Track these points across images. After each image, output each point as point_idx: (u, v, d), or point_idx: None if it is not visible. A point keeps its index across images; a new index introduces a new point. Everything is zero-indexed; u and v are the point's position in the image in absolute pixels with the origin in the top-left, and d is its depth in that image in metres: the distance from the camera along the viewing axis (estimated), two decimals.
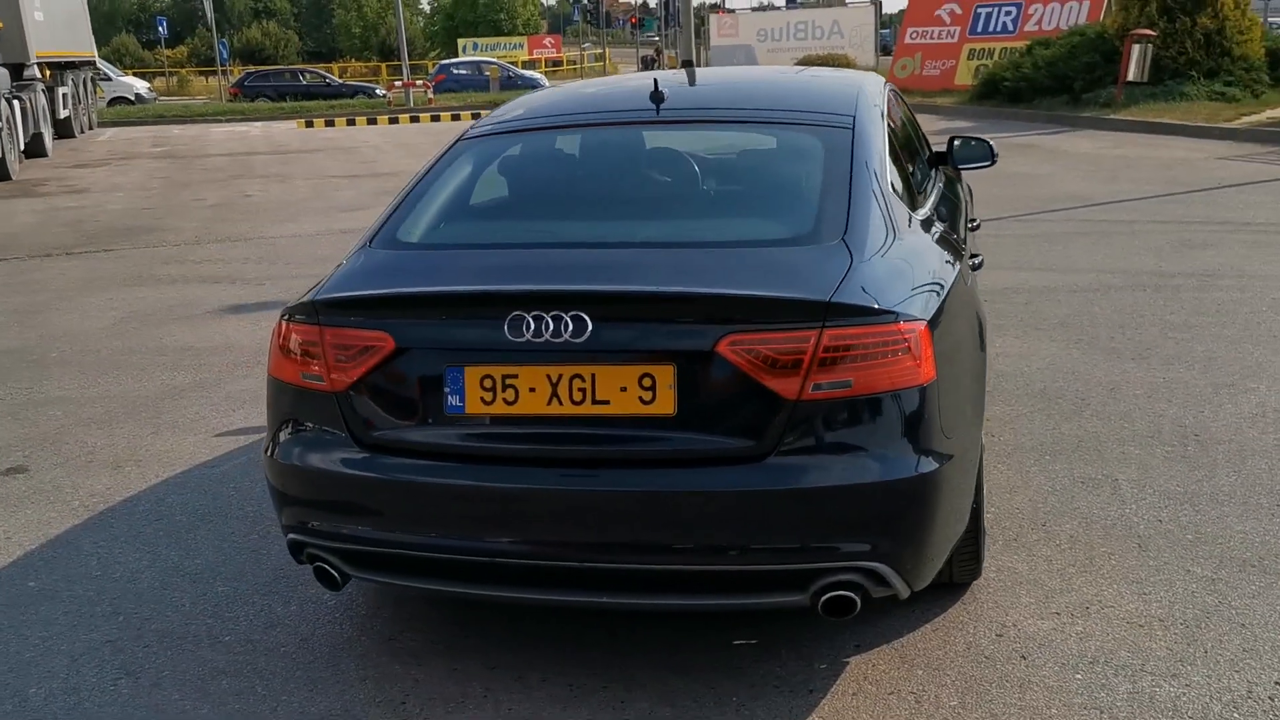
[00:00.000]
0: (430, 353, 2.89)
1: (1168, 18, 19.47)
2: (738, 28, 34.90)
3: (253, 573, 3.90)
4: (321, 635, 3.47)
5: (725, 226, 3.25)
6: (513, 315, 2.77)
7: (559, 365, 2.78)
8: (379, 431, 2.94)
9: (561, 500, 2.80)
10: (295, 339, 3.04)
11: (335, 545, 3.02)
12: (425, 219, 3.38)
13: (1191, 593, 3.46)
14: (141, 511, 4.49)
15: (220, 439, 5.30)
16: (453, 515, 2.90)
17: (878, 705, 2.97)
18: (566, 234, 3.28)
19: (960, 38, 26.03)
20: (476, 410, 2.85)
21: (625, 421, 2.77)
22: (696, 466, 2.75)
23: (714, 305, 2.75)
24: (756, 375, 2.69)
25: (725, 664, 3.19)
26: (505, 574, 2.91)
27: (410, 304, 2.94)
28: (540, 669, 3.20)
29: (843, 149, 3.37)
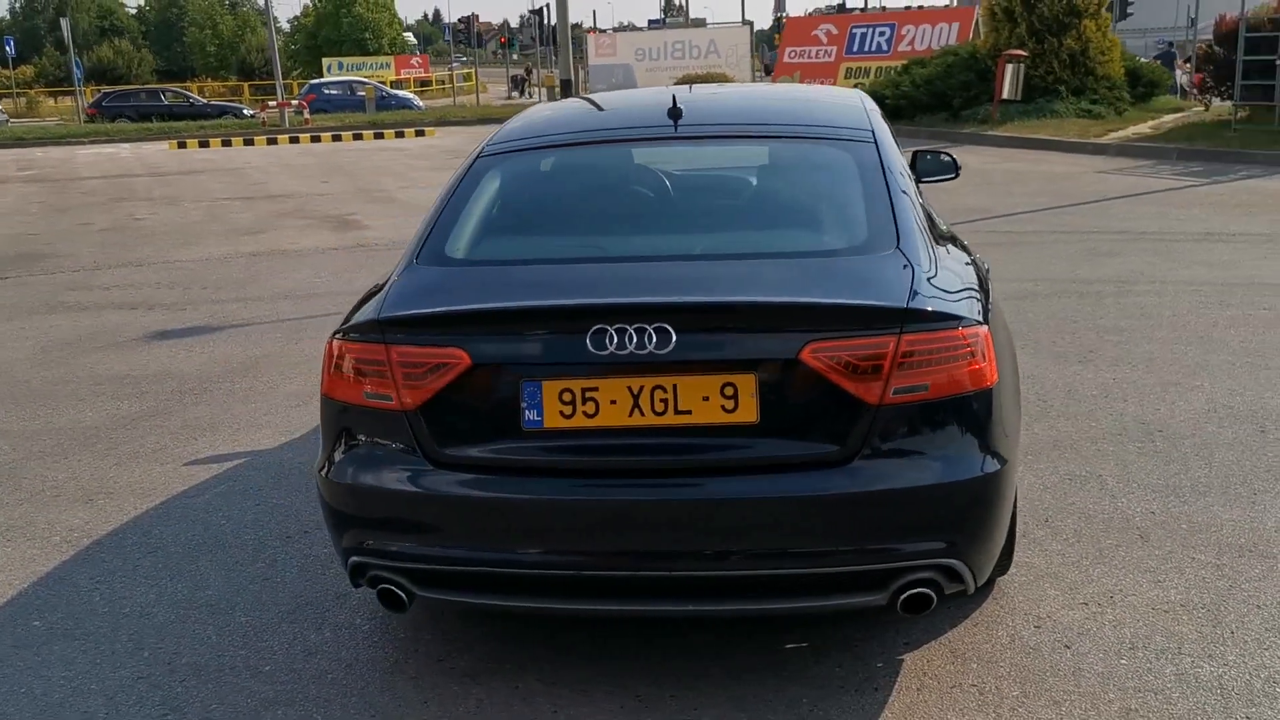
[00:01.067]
0: (506, 368, 2.88)
1: (1036, 39, 20.42)
2: (615, 47, 35.16)
3: (272, 601, 3.80)
4: (366, 660, 3.41)
5: (780, 238, 3.31)
6: (595, 328, 2.78)
7: (640, 377, 2.81)
8: (453, 449, 2.92)
9: (646, 511, 2.82)
10: (355, 358, 3.00)
11: (404, 565, 2.98)
12: (469, 234, 3.37)
13: (1203, 579, 3.66)
14: (131, 544, 4.33)
15: (192, 468, 5.13)
16: (534, 530, 2.89)
17: (944, 700, 3.06)
18: (624, 248, 3.31)
19: (837, 57, 26.77)
20: (556, 424, 2.85)
21: (708, 430, 2.81)
22: (781, 472, 2.80)
23: (797, 314, 2.82)
24: (839, 381, 2.76)
25: (783, 667, 3.25)
26: (585, 587, 2.92)
27: (486, 320, 2.93)
28: (602, 682, 3.21)
29: (872, 162, 3.48)
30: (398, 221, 12.98)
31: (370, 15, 70.13)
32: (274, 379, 6.57)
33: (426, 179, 17.55)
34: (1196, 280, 8.02)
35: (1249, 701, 2.98)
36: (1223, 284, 7.86)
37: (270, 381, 6.53)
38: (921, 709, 3.02)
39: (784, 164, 3.71)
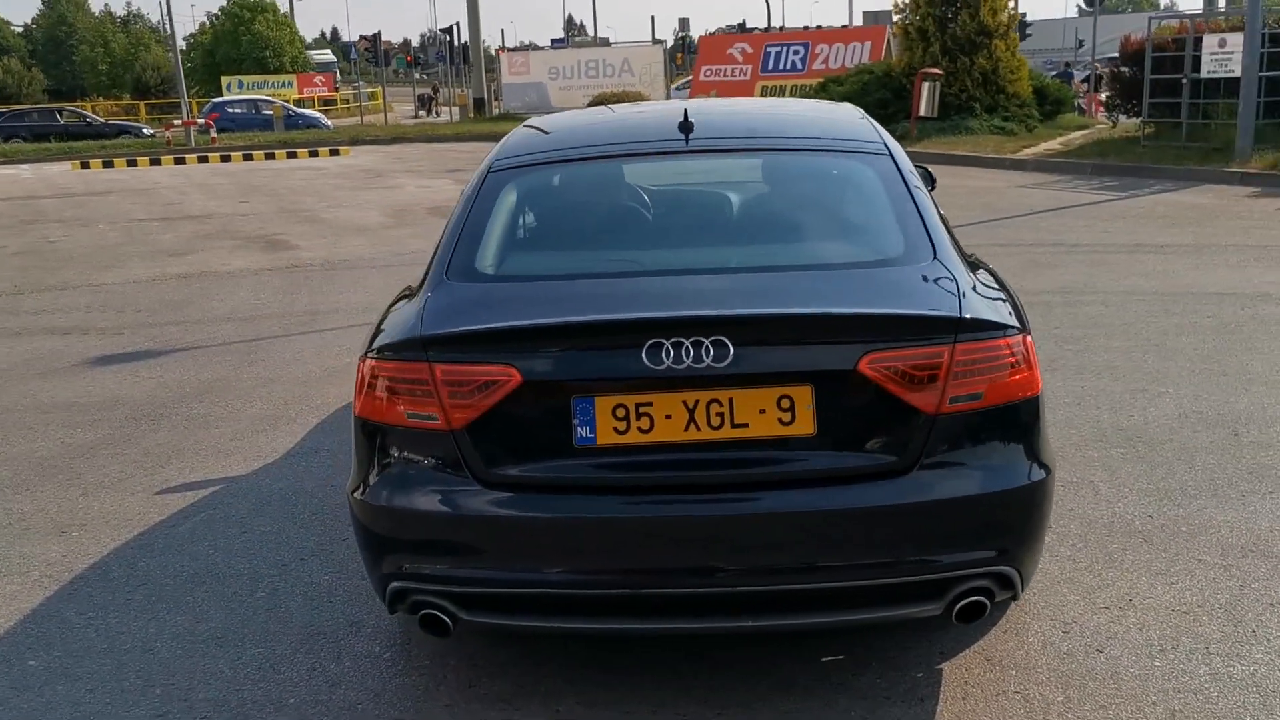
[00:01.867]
0: (558, 384, 2.82)
1: (949, 58, 20.88)
2: (529, 66, 35.12)
3: (282, 632, 3.67)
4: (395, 689, 3.30)
5: (816, 250, 3.31)
6: (652, 342, 2.74)
7: (696, 391, 2.78)
8: (502, 468, 2.85)
9: (704, 527, 2.78)
10: (394, 378, 2.91)
11: (450, 589, 2.90)
12: (496, 250, 3.30)
13: (1213, 580, 3.73)
14: (118, 577, 4.15)
15: (165, 497, 4.95)
16: (589, 549, 2.83)
17: (992, 708, 3.07)
18: (660, 262, 3.27)
19: (753, 75, 27.07)
20: (609, 441, 2.80)
21: (765, 444, 2.79)
22: (840, 484, 2.79)
23: (856, 324, 2.81)
24: (898, 391, 2.76)
25: (826, 680, 3.23)
26: (642, 606, 2.87)
27: (539, 335, 2.86)
28: (644, 702, 3.15)
29: (892, 174, 3.50)
30: (329, 242, 12.76)
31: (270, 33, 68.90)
32: (233, 404, 6.38)
33: (352, 199, 17.29)
34: (1138, 290, 8.24)
35: None
36: (1163, 293, 8.08)
37: (230, 406, 6.33)
38: (971, 718, 3.02)
39: (805, 176, 3.70)
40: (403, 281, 3.84)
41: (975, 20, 20.97)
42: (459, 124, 34.39)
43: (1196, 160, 15.37)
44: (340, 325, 8.35)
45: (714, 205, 3.67)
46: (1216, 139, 15.81)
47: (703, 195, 3.73)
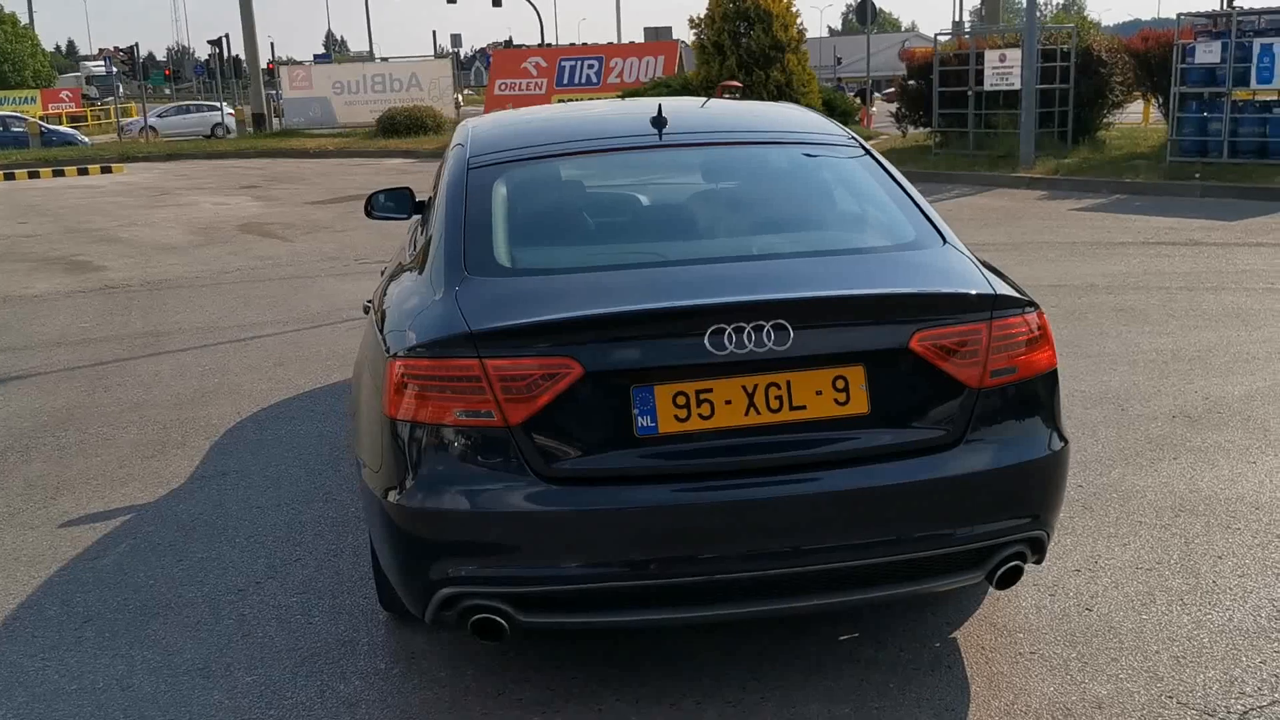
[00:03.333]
0: (618, 375, 2.79)
1: (745, 71, 21.58)
2: (311, 80, 34.08)
3: (268, 657, 3.46)
4: (418, 704, 3.18)
5: (831, 237, 3.38)
6: (713, 328, 2.75)
7: (755, 375, 2.80)
8: (563, 462, 2.79)
9: (768, 509, 2.81)
10: (437, 376, 2.81)
11: (509, 591, 2.82)
12: (507, 244, 3.22)
13: (1160, 539, 4.03)
14: (55, 616, 3.81)
15: (71, 530, 4.58)
16: (655, 538, 2.80)
17: (1017, 668, 3.22)
18: (683, 251, 3.27)
19: (549, 89, 27.19)
20: (671, 429, 2.79)
21: (822, 424, 2.84)
22: (895, 460, 2.87)
23: (908, 304, 2.90)
24: (945, 367, 2.87)
25: (852, 659, 3.31)
26: (708, 593, 2.86)
27: (600, 325, 2.81)
28: (686, 694, 3.15)
29: (875, 165, 3.64)
30: (138, 262, 12.06)
31: (10, 45, 64.44)
32: (104, 430, 5.95)
33: (145, 217, 16.37)
34: None
35: (1266, 636, 3.31)
36: None
37: (101, 433, 5.90)
38: (1004, 679, 3.16)
39: (793, 167, 3.78)
40: (243, 301, 3.75)
41: (768, 35, 21.76)
42: (240, 139, 33.04)
43: (986, 166, 16.43)
44: (192, 346, 7.91)
45: (716, 197, 3.70)
46: (1000, 147, 16.96)
47: (701, 187, 3.75)
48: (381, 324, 3.28)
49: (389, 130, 30.06)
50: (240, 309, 9.12)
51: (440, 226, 3.39)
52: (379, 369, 3.09)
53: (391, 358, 2.93)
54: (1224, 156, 14.52)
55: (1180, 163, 14.73)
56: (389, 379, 2.91)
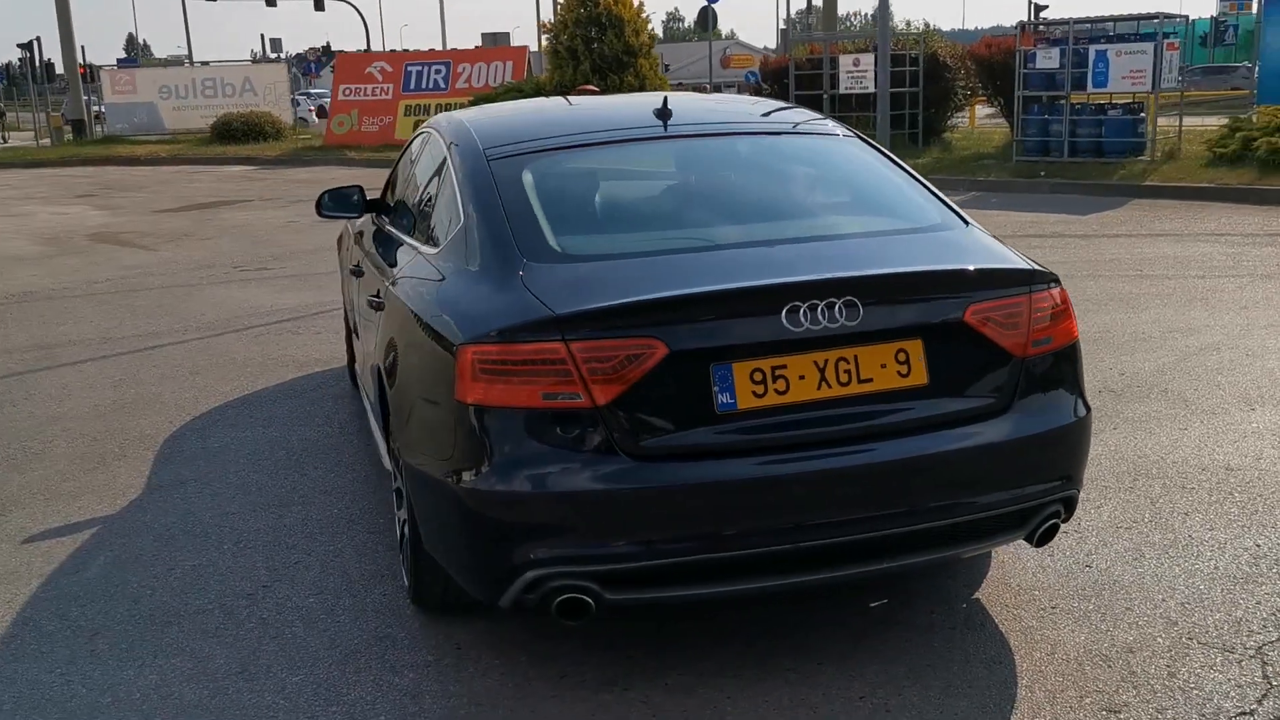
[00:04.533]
0: (699, 353, 2.87)
1: (600, 76, 21.73)
2: (135, 85, 32.61)
3: (310, 658, 3.41)
4: (483, 690, 3.19)
5: (865, 219, 3.52)
6: (790, 306, 2.87)
7: (825, 351, 2.93)
8: (649, 440, 2.86)
9: (845, 478, 2.93)
10: (520, 360, 2.84)
11: (597, 569, 2.86)
12: (554, 232, 3.26)
13: (1128, 500, 4.33)
14: (54, 631, 3.65)
15: (39, 544, 4.37)
16: (740, 511, 2.89)
17: (1047, 622, 3.43)
18: (736, 235, 3.36)
19: (395, 94, 26.76)
20: (749, 404, 2.89)
21: (887, 396, 2.99)
22: (954, 427, 3.04)
23: (963, 279, 3.08)
24: (996, 338, 3.06)
25: (890, 622, 3.47)
26: (790, 561, 2.97)
27: (684, 305, 2.88)
28: (745, 665, 3.24)
29: (879, 153, 3.83)
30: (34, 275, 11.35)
31: None
32: (26, 445, 5.66)
33: None
34: None
35: (1254, 581, 3.62)
36: None
37: (27, 447, 5.62)
38: (1039, 632, 3.37)
39: (809, 155, 3.91)
40: (128, 310, 3.73)
41: (620, 40, 21.98)
42: (64, 147, 31.36)
43: None
44: (90, 357, 7.56)
45: (744, 183, 3.80)
46: None
47: (725, 174, 3.84)
48: (426, 314, 3.27)
49: (225, 136, 29.09)
50: (129, 319, 8.75)
51: (473, 216, 3.40)
52: (437, 358, 3.09)
53: (463, 345, 2.93)
54: (1065, 156, 15.45)
55: (1026, 162, 15.60)
56: (462, 366, 2.92)
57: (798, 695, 3.09)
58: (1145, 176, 14.42)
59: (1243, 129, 14.42)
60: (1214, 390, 5.71)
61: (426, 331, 3.23)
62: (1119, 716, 2.93)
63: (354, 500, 4.69)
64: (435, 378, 3.11)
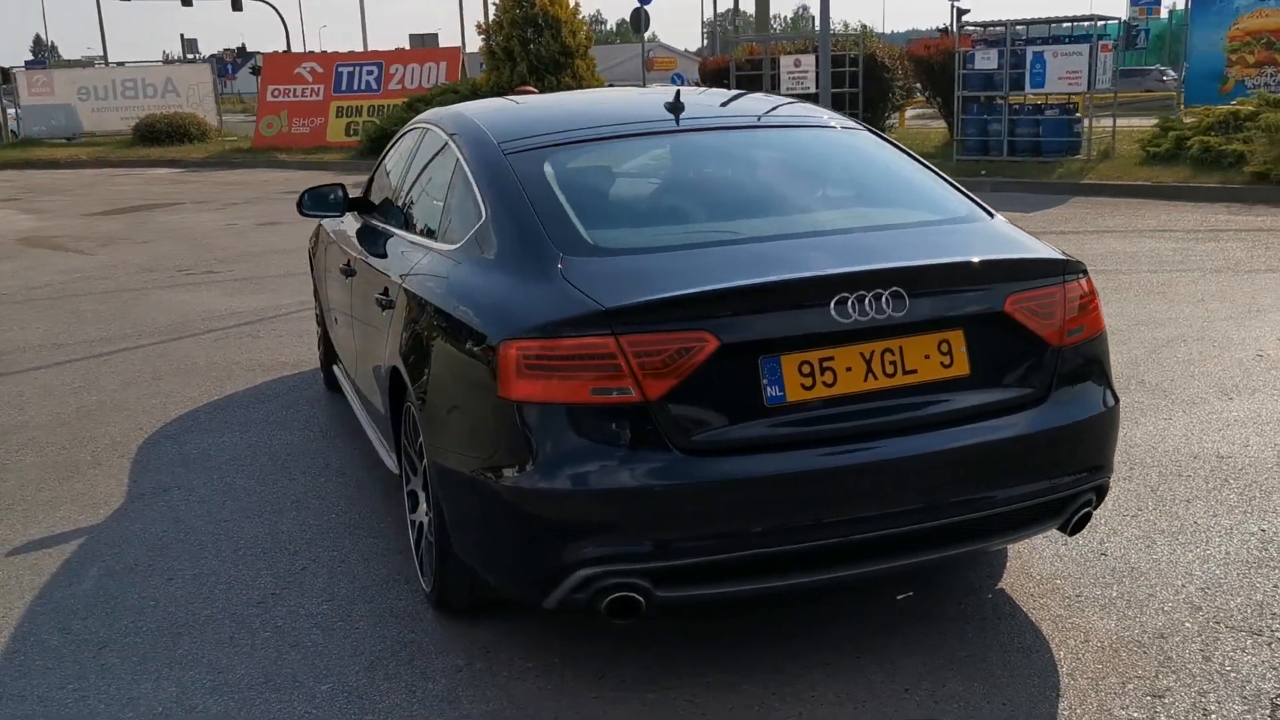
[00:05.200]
0: (747, 346, 2.84)
1: (537, 77, 21.65)
2: (53, 86, 31.63)
3: (334, 666, 3.31)
4: (521, 693, 3.12)
5: (895, 211, 3.50)
6: (838, 298, 2.85)
7: (872, 342, 2.92)
8: (700, 434, 2.82)
9: (894, 469, 2.92)
10: (567, 355, 2.79)
11: (649, 566, 2.82)
12: (586, 225, 3.20)
13: (1130, 490, 4.39)
14: (58, 646, 3.51)
15: (24, 557, 4.21)
16: (791, 504, 2.87)
17: (1075, 609, 3.45)
18: (774, 227, 3.33)
19: (326, 96, 26.35)
20: (798, 397, 2.87)
21: (931, 387, 2.98)
22: (996, 417, 3.04)
23: (1003, 270, 3.08)
24: (1034, 328, 3.07)
25: (918, 614, 3.47)
26: (834, 555, 2.94)
27: (734, 298, 2.85)
28: (785, 660, 3.22)
29: (891, 145, 3.82)
30: None
31: None
32: (0, 455, 5.46)
33: None
34: None
35: (1266, 565, 3.69)
36: None
37: None
38: (1069, 620, 3.39)
39: (829, 148, 3.89)
40: (74, 316, 3.67)
41: (557, 41, 21.91)
42: None
43: None
44: (43, 364, 7.31)
45: (769, 176, 3.76)
46: None
47: (748, 168, 3.80)
48: (456, 311, 3.20)
49: (148, 138, 28.39)
50: (75, 325, 8.48)
51: (497, 210, 3.34)
52: (473, 355, 3.03)
53: (505, 340, 2.87)
54: (1004, 155, 15.71)
55: (966, 161, 15.82)
56: (505, 362, 2.85)
57: (842, 690, 3.08)
58: (1084, 175, 14.73)
59: (1174, 129, 14.79)
60: (1189, 381, 5.82)
61: (458, 329, 3.16)
62: (1163, 701, 2.96)
63: (349, 505, 4.58)
64: (471, 375, 3.04)
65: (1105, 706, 2.94)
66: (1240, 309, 7.42)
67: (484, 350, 2.97)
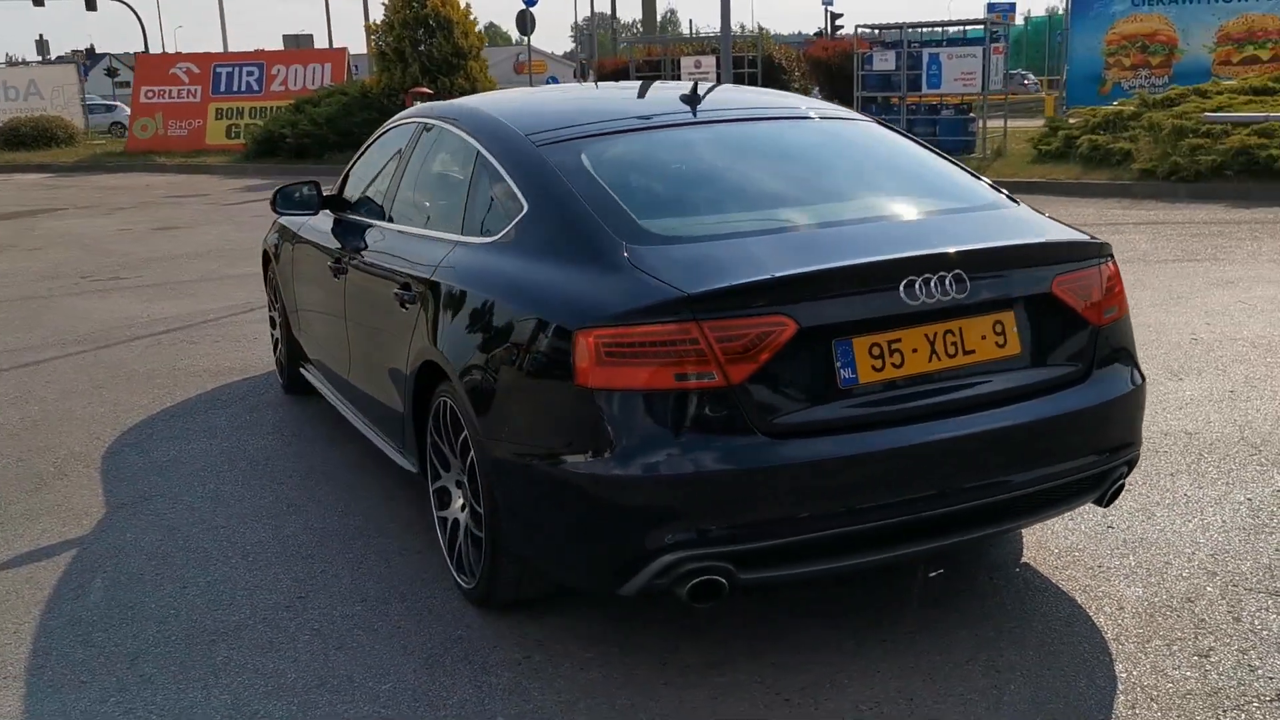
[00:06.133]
0: (822, 329, 2.89)
1: (430, 78, 21.40)
2: None
3: (387, 661, 3.27)
4: (590, 683, 3.12)
5: (932, 199, 3.57)
6: (907, 280, 2.93)
7: (934, 324, 3.01)
8: (781, 417, 2.86)
9: (960, 447, 3.00)
10: (650, 342, 2.80)
11: (733, 549, 2.85)
12: (638, 215, 3.21)
13: None
14: (85, 660, 3.37)
15: (16, 571, 4.02)
16: (869, 484, 2.93)
17: (1097, 579, 3.60)
18: (825, 214, 3.39)
19: (204, 97, 25.60)
20: (869, 378, 2.94)
21: (988, 367, 3.09)
22: (1047, 394, 3.16)
23: (1051, 252, 3.21)
24: (1078, 308, 3.20)
25: (954, 591, 3.58)
26: (906, 532, 3.02)
27: (813, 282, 2.89)
28: (843, 638, 3.29)
29: (902, 135, 3.94)
30: None
31: None
32: None
33: None
34: None
35: (1262, 530, 3.90)
36: None
37: None
38: (1098, 589, 3.53)
39: (855, 138, 3.97)
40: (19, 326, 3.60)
41: (450, 42, 21.70)
42: None
43: None
44: None
45: (804, 164, 3.82)
46: None
47: (782, 157, 3.85)
48: (515, 303, 3.18)
49: (13, 143, 27.20)
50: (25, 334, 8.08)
51: (540, 201, 3.34)
52: (541, 346, 3.02)
53: (583, 329, 2.87)
54: None
55: None
56: (583, 351, 2.86)
57: (905, 663, 3.16)
58: (981, 173, 15.11)
59: (1062, 128, 15.43)
60: None
61: (519, 320, 3.14)
62: (1210, 660, 3.12)
63: (347, 508, 4.49)
64: (540, 365, 3.03)
65: (1159, 668, 3.08)
66: (1162, 296, 7.79)
67: (557, 340, 2.96)
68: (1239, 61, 19.10)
